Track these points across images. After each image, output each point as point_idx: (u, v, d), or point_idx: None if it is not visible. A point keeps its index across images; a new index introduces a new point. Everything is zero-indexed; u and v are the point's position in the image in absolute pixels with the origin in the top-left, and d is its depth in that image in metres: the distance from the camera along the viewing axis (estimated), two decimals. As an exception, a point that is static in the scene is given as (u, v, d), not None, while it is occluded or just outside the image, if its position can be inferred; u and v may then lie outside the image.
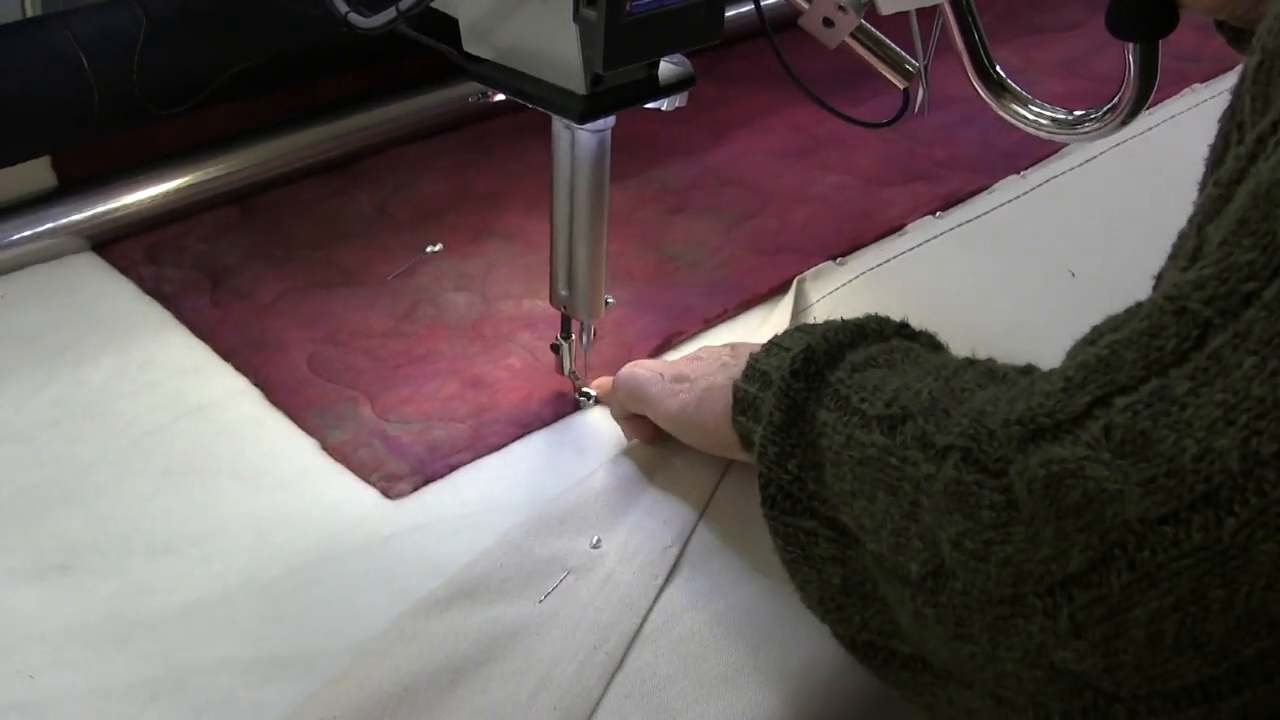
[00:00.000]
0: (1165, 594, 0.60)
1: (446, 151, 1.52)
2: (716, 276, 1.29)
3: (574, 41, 0.92)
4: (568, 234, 1.06)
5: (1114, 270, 1.30)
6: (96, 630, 0.89)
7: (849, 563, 0.78)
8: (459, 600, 0.90)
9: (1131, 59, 1.07)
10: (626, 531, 0.96)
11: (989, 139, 1.59)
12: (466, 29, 1.01)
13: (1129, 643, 0.61)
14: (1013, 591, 0.65)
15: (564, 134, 1.02)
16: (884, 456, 0.73)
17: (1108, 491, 0.61)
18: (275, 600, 0.92)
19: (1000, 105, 1.18)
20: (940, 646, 0.71)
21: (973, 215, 1.43)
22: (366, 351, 1.17)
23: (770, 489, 0.83)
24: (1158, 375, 0.62)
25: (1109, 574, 0.61)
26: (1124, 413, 0.62)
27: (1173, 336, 0.62)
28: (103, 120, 1.28)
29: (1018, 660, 0.66)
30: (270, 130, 1.43)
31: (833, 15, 1.09)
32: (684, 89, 1.01)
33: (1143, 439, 0.61)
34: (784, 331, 0.91)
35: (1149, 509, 0.60)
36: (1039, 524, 0.63)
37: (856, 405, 0.77)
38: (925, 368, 0.78)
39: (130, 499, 1.00)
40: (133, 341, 1.17)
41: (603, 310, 1.09)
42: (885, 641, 0.78)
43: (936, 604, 0.69)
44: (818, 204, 1.45)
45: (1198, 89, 1.72)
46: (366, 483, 1.02)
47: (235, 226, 1.36)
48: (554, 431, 1.09)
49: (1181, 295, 0.63)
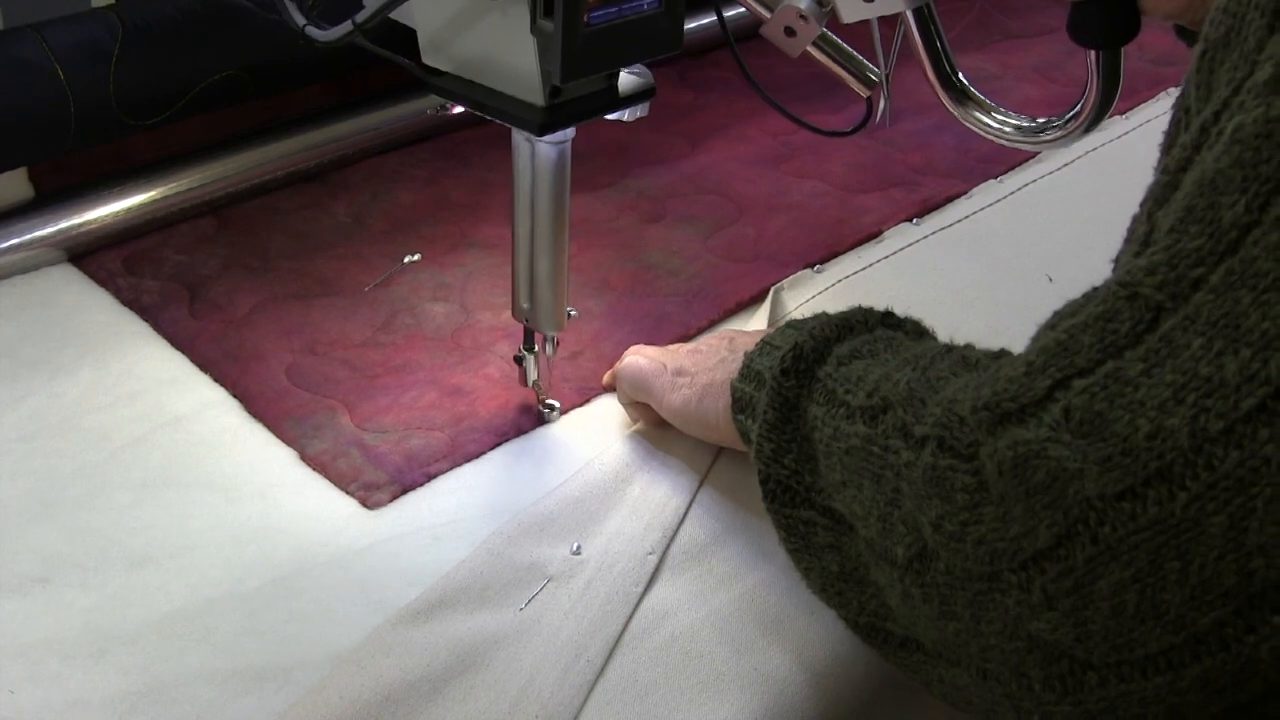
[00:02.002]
0: (1125, 566, 0.63)
1: (423, 161, 1.52)
2: (694, 285, 1.30)
3: (532, 53, 0.91)
4: (529, 247, 1.05)
5: (1091, 275, 1.30)
6: (74, 643, 0.88)
7: (844, 549, 0.81)
8: (439, 609, 0.90)
9: (1094, 66, 1.07)
10: (606, 538, 0.96)
11: (965, 145, 1.59)
12: (425, 41, 1.00)
13: (1096, 613, 0.64)
14: (990, 569, 0.67)
15: (524, 146, 1.02)
16: (867, 446, 0.76)
17: (1069, 470, 0.64)
18: (253, 611, 0.91)
19: (963, 113, 1.18)
20: (929, 626, 0.74)
21: (950, 221, 1.43)
22: (344, 362, 1.17)
23: (770, 484, 0.85)
24: (1113, 358, 0.65)
25: (1074, 548, 0.64)
26: (1082, 394, 0.64)
27: (1126, 320, 0.65)
28: (79, 132, 1.28)
29: (998, 633, 0.68)
30: (246, 141, 1.43)
31: (794, 24, 1.10)
32: (644, 100, 1.01)
33: (1099, 419, 0.63)
34: (775, 329, 0.93)
35: (1107, 485, 0.63)
36: (1009, 503, 0.66)
37: (842, 398, 0.80)
38: (904, 357, 0.81)
39: (108, 511, 1.00)
40: (110, 353, 1.17)
41: (564, 323, 1.09)
42: (881, 624, 0.80)
43: (923, 584, 0.72)
44: (794, 211, 1.45)
45: (1173, 92, 1.73)
46: (345, 493, 1.02)
47: (212, 237, 1.36)
48: (532, 440, 1.09)
49: (1134, 281, 0.66)
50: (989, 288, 1.30)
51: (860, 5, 1.08)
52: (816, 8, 1.09)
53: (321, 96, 1.50)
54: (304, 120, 1.48)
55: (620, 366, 1.09)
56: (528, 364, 1.11)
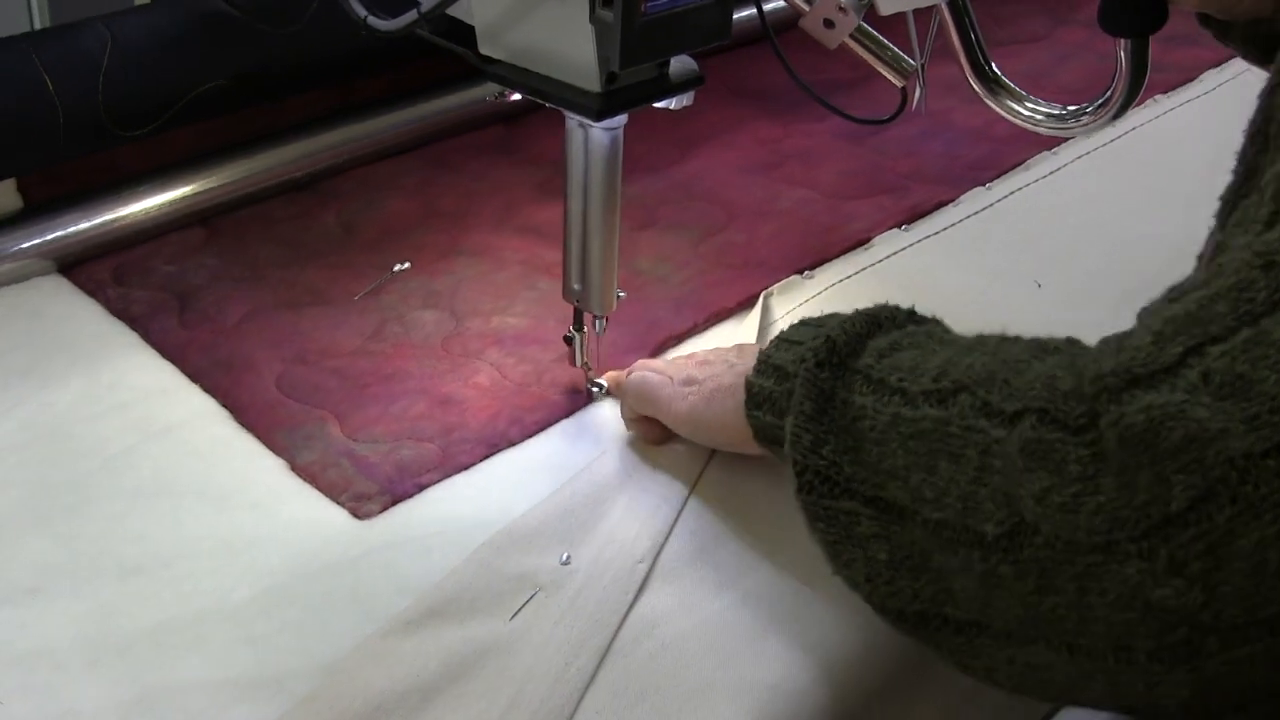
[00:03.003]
0: (1270, 523, 0.63)
1: (412, 170, 1.52)
2: (684, 291, 1.30)
3: (589, 42, 0.94)
4: (581, 230, 1.08)
5: (1080, 281, 1.31)
6: (66, 653, 0.88)
7: (894, 538, 0.80)
8: (429, 619, 0.90)
9: (1123, 54, 1.11)
10: (596, 547, 0.96)
11: (954, 151, 1.60)
12: (482, 31, 1.03)
13: (1231, 573, 0.65)
14: (1105, 539, 0.68)
15: (578, 132, 1.05)
16: (941, 428, 0.76)
17: (1210, 431, 0.64)
18: (245, 621, 0.91)
19: (997, 102, 1.21)
20: (1014, 604, 0.73)
21: (938, 228, 1.44)
22: (335, 371, 1.17)
23: (806, 475, 0.84)
24: (1249, 325, 0.66)
25: (1212, 510, 0.64)
26: (1220, 359, 0.66)
27: (1263, 289, 0.67)
28: (68, 142, 1.28)
29: (1109, 604, 0.69)
30: (236, 151, 1.43)
31: (834, 16, 1.13)
32: (692, 87, 1.04)
33: (1242, 381, 0.65)
34: (790, 327, 0.93)
35: (1254, 444, 0.64)
36: (1132, 472, 0.66)
37: (896, 385, 0.81)
38: (961, 345, 0.82)
39: (99, 521, 1.00)
40: (101, 363, 1.17)
41: (615, 304, 1.11)
42: (938, 609, 0.79)
43: (1016, 560, 0.72)
44: (784, 218, 1.45)
45: (1160, 100, 1.73)
46: (335, 503, 1.02)
47: (202, 247, 1.36)
48: (522, 450, 1.09)
49: (1269, 250, 0.67)
50: (978, 293, 1.30)
51: None
52: (855, 0, 1.12)
53: (310, 106, 1.50)
54: (293, 130, 1.48)
55: (627, 381, 1.09)
56: (577, 344, 1.14)
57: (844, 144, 1.63)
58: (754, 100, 1.69)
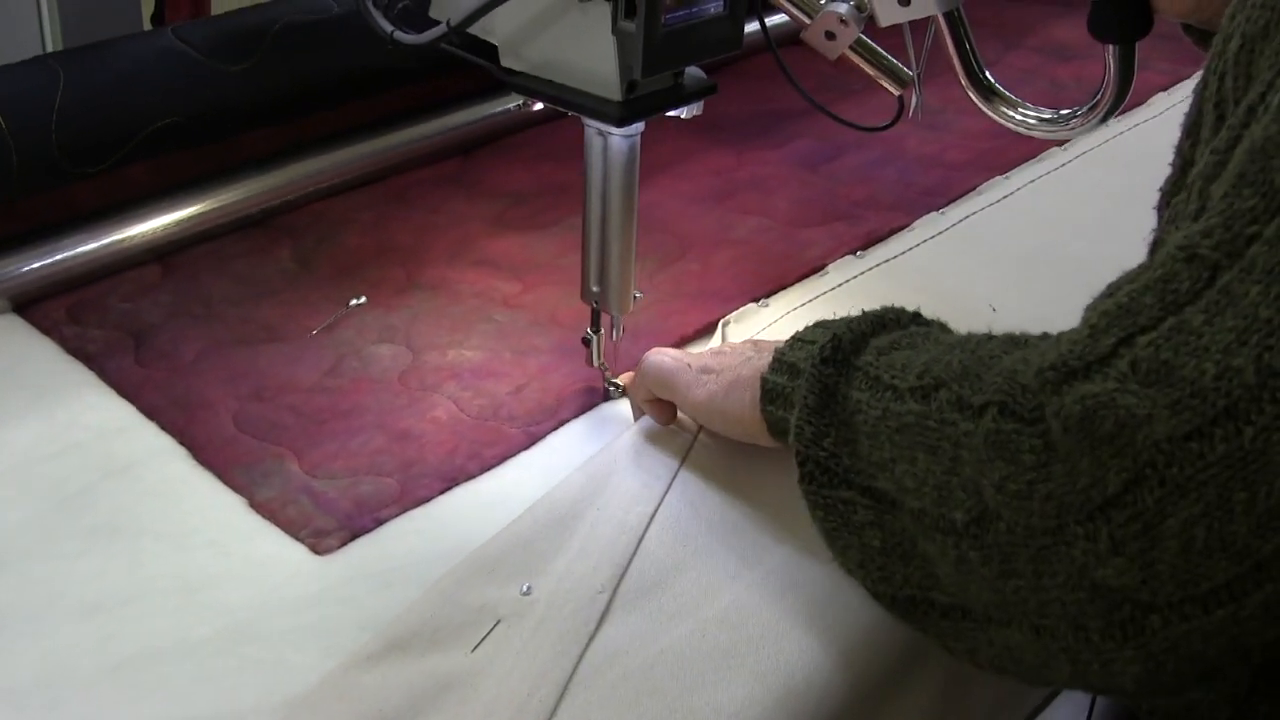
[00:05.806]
0: (1194, 503, 0.67)
1: (367, 205, 1.53)
2: (641, 320, 1.30)
3: (610, 52, 1.01)
4: (600, 233, 1.14)
5: (1035, 305, 1.32)
6: (26, 694, 0.88)
7: (886, 525, 0.84)
8: (390, 653, 0.90)
9: (1111, 60, 1.16)
10: (556, 577, 0.96)
11: (908, 178, 1.61)
12: (504, 45, 1.09)
13: (1164, 552, 0.69)
14: (1055, 523, 0.72)
15: (596, 140, 1.10)
16: (922, 422, 0.80)
17: (1137, 417, 0.68)
18: (205, 659, 0.91)
19: (991, 108, 1.27)
20: (984, 588, 0.77)
21: (893, 254, 1.45)
22: (292, 407, 1.17)
23: (808, 465, 0.89)
24: (1174, 314, 0.70)
25: (1142, 492, 0.68)
26: (1147, 348, 0.70)
27: (1186, 280, 0.70)
28: (21, 180, 1.28)
29: (1060, 585, 0.73)
30: (189, 187, 1.43)
31: (834, 29, 1.19)
32: (705, 95, 1.11)
33: (1166, 368, 0.69)
34: (807, 327, 0.98)
35: (1176, 428, 0.68)
36: (1075, 458, 0.70)
37: (888, 382, 0.85)
38: (948, 344, 0.86)
39: (57, 560, 0.99)
40: (56, 402, 1.17)
41: (631, 304, 1.16)
42: (925, 594, 0.84)
43: (982, 546, 0.76)
44: (739, 247, 1.46)
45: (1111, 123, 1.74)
46: (295, 539, 1.02)
47: (157, 285, 1.36)
48: (481, 483, 1.09)
49: (1191, 244, 0.71)
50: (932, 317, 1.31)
51: (896, 9, 1.17)
52: (855, 12, 1.18)
53: (264, 142, 1.50)
54: (246, 166, 1.48)
55: (644, 363, 1.10)
56: (594, 344, 1.18)
57: (798, 172, 1.63)
58: (706, 131, 1.70)
